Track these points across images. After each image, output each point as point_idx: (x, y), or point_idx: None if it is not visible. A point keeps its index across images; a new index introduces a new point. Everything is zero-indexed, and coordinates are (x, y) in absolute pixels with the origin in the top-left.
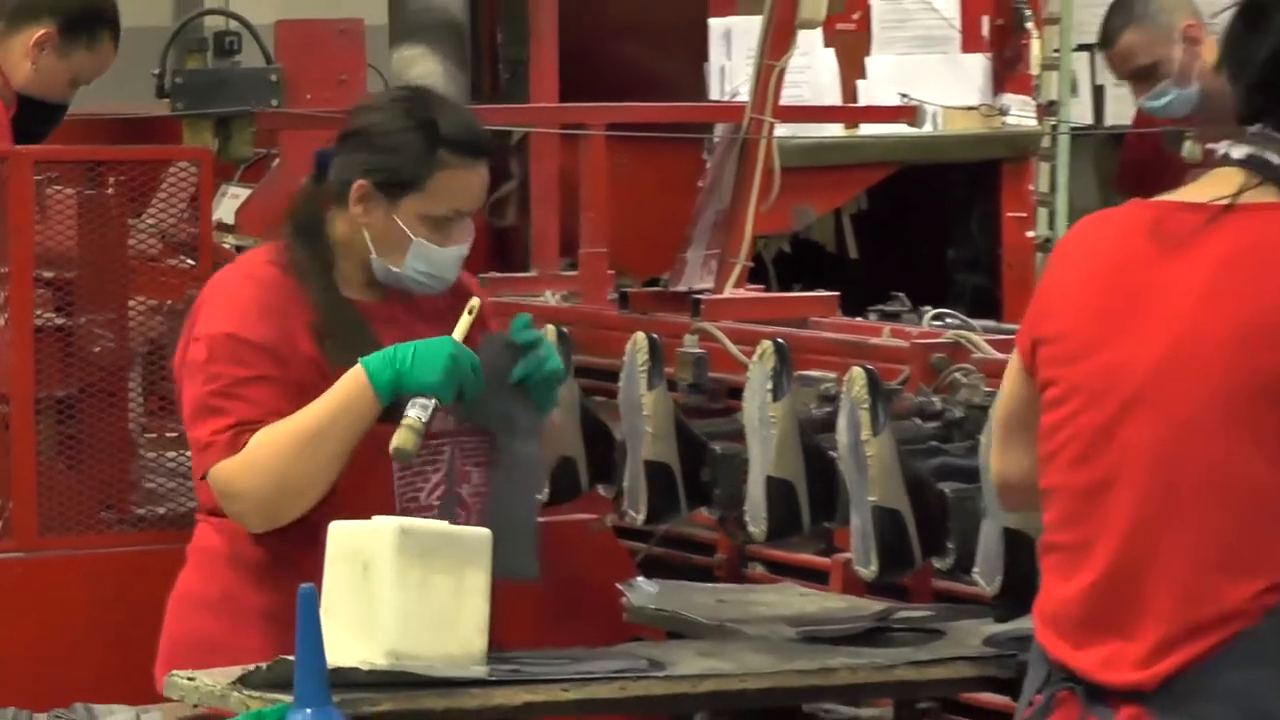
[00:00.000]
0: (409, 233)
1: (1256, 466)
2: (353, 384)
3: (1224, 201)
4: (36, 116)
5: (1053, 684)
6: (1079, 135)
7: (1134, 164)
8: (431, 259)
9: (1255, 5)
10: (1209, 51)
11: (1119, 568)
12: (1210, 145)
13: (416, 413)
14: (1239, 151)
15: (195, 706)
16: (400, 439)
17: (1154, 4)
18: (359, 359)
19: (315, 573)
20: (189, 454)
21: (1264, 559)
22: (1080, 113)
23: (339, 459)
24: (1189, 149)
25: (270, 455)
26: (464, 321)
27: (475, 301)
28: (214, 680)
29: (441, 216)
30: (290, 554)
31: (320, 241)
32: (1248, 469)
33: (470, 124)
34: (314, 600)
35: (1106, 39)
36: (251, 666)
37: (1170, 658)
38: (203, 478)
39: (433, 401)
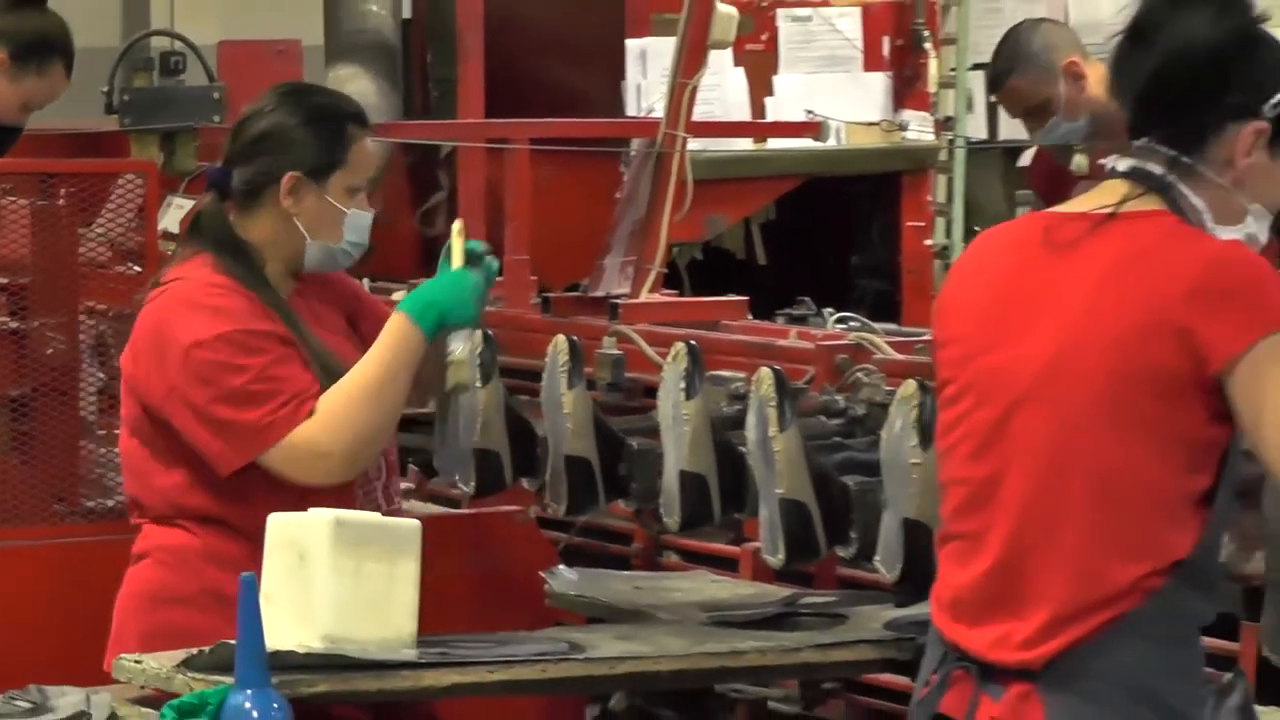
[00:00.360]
0: (341, 207)
1: (1138, 459)
2: (400, 330)
3: (1107, 210)
4: None
5: (947, 664)
6: (975, 149)
7: (1040, 180)
8: (360, 226)
9: (1138, 27)
10: (1095, 82)
11: (1010, 555)
12: (1101, 160)
13: (462, 346)
14: (1124, 164)
15: (142, 688)
16: (456, 375)
17: (1036, 46)
18: (399, 305)
19: None
20: None
21: (1147, 545)
22: (976, 127)
23: (402, 401)
24: (1077, 162)
25: (347, 409)
26: (458, 246)
27: (460, 223)
28: (160, 663)
29: (360, 186)
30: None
31: (247, 251)
32: (1130, 461)
33: (352, 100)
34: (254, 587)
35: (994, 84)
36: (195, 650)
37: (1057, 639)
38: (255, 457)
39: (474, 332)
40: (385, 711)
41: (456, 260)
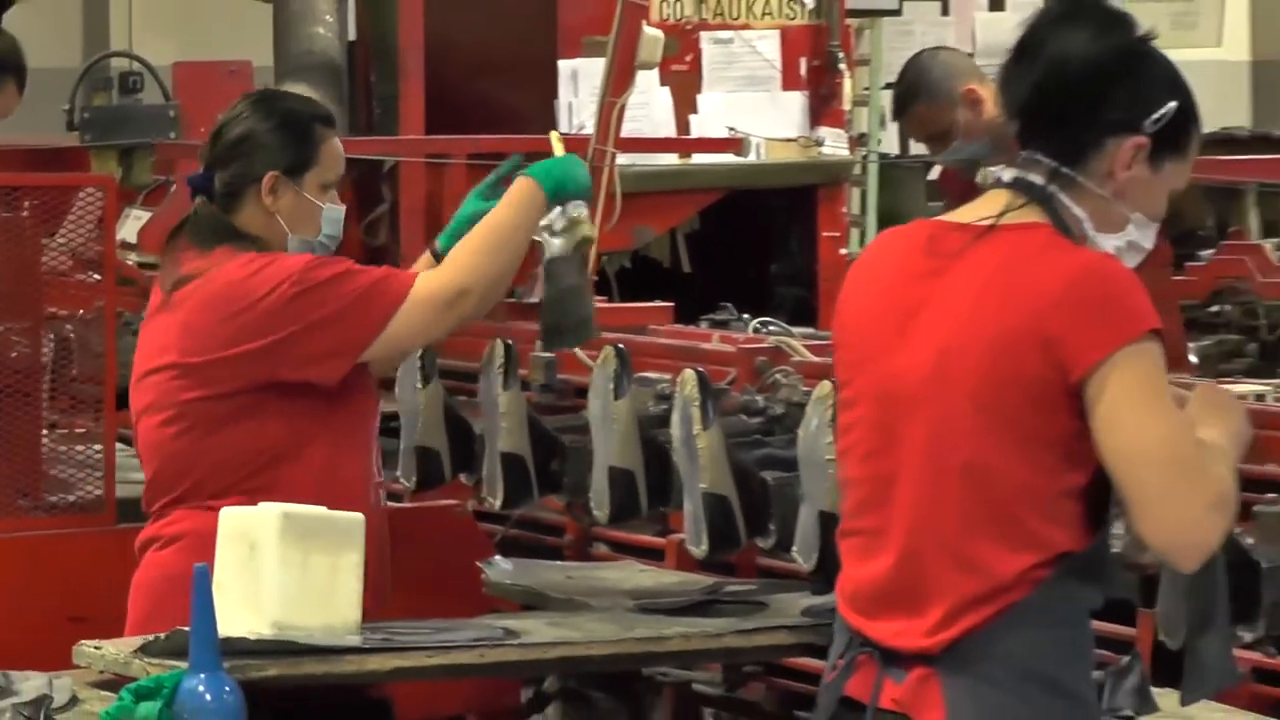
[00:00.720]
0: (317, 203)
1: (1012, 460)
2: (526, 190)
3: (988, 221)
4: None
5: (853, 649)
6: (886, 164)
7: (952, 192)
8: (335, 219)
9: (1023, 43)
10: (992, 104)
11: (906, 553)
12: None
13: (580, 210)
14: (1008, 175)
15: (101, 673)
16: (582, 231)
17: (936, 75)
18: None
19: None
20: (96, 447)
21: (1030, 540)
22: (889, 143)
23: (522, 254)
24: (982, 175)
25: (479, 254)
26: (559, 144)
27: (555, 132)
28: (118, 649)
29: (331, 182)
30: None
31: (259, 242)
32: (1006, 463)
33: (318, 103)
34: (207, 577)
35: (899, 111)
36: (151, 637)
37: (953, 628)
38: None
39: (583, 204)
40: (338, 693)
41: (559, 151)
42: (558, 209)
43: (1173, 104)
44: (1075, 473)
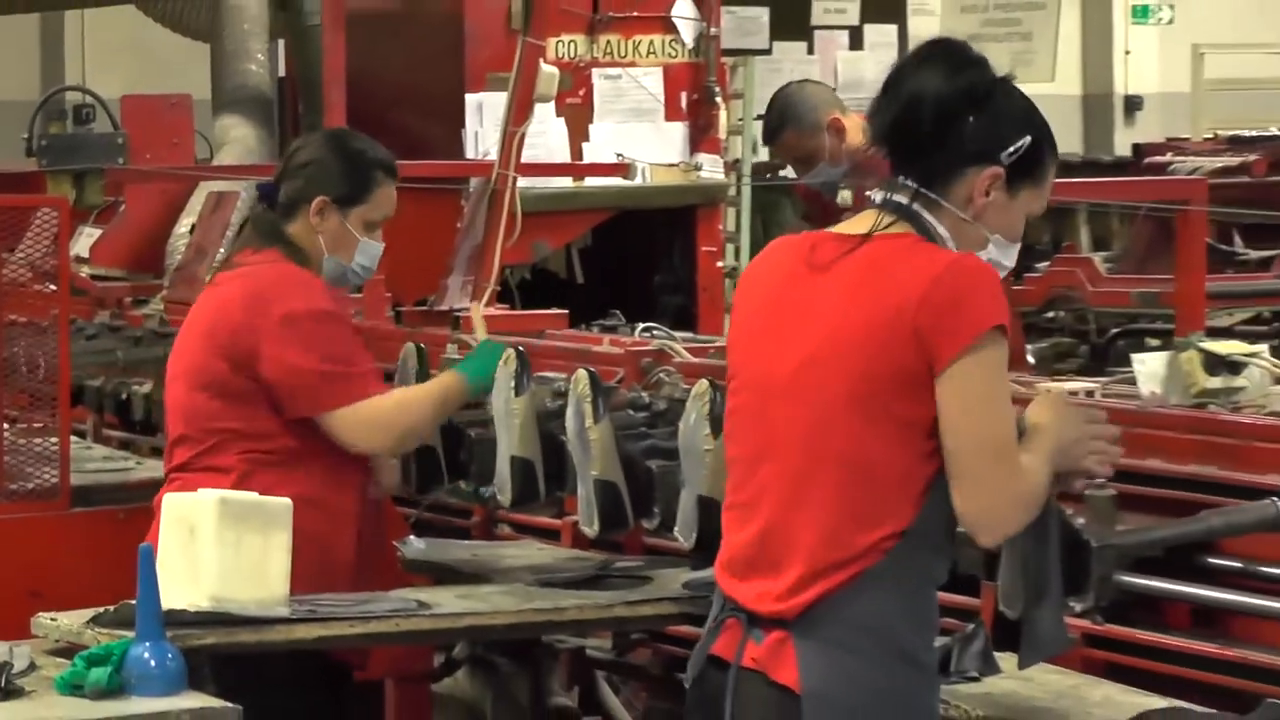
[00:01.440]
0: (356, 234)
1: (881, 445)
2: (456, 388)
3: (863, 233)
4: None
5: (723, 613)
6: (758, 186)
7: (816, 212)
8: (371, 253)
9: (888, 81)
10: (853, 131)
11: (773, 522)
12: (867, 191)
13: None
14: (879, 196)
15: (57, 642)
16: None
17: (804, 106)
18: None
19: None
20: (52, 440)
21: (884, 513)
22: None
23: (433, 428)
24: (842, 197)
25: (411, 406)
26: (480, 321)
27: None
28: (72, 620)
29: (377, 222)
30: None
31: (306, 255)
32: (875, 448)
33: (386, 153)
34: (151, 557)
35: (769, 138)
36: (102, 609)
37: (808, 592)
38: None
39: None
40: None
41: (480, 330)
42: None
43: (1028, 138)
44: (931, 454)
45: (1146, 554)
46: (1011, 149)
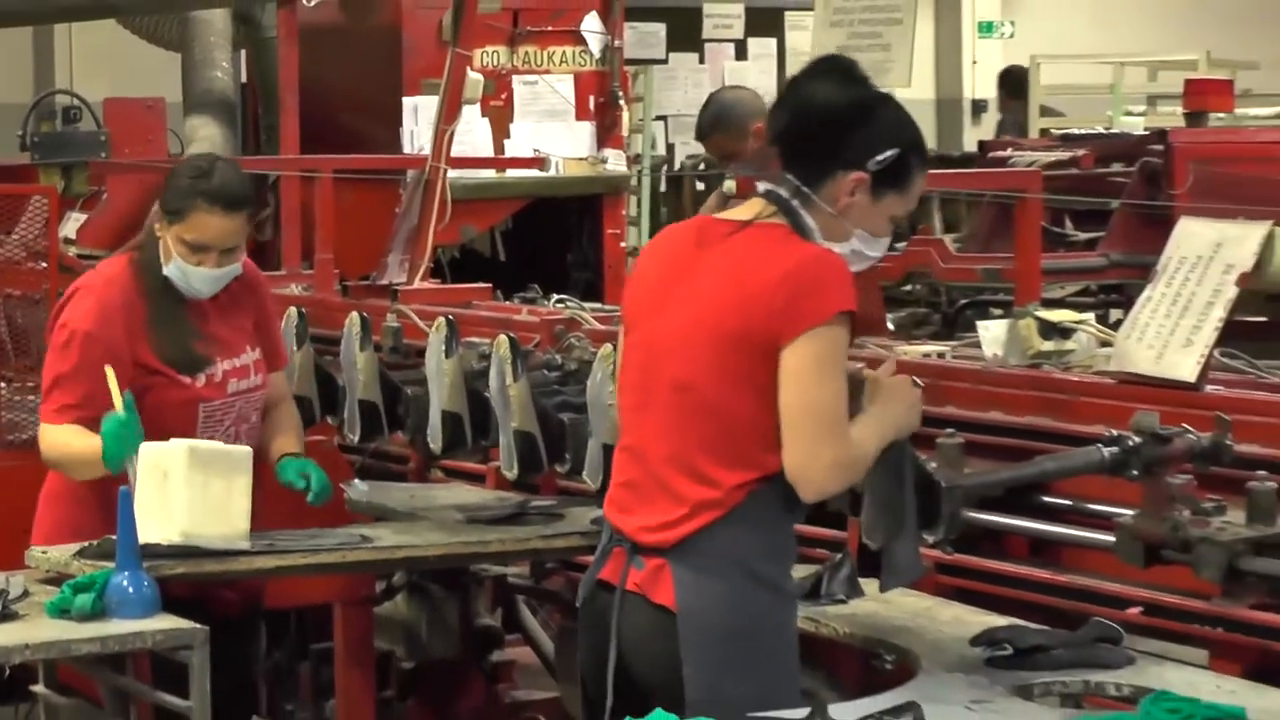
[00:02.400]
0: (174, 250)
1: (742, 401)
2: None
3: (743, 219)
4: None
5: (610, 542)
6: (656, 176)
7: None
8: (184, 272)
9: (785, 92)
10: None
11: (653, 465)
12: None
13: None
14: (763, 187)
15: (47, 572)
16: None
17: (733, 114)
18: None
19: None
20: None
21: (747, 461)
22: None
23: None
24: (727, 185)
25: (61, 453)
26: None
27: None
28: (60, 553)
29: (194, 243)
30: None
31: (155, 252)
32: (737, 403)
33: (229, 184)
34: (129, 498)
35: (700, 136)
36: (88, 543)
37: (683, 526)
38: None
39: None
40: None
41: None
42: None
43: (895, 151)
44: None
45: (989, 493)
46: (879, 158)
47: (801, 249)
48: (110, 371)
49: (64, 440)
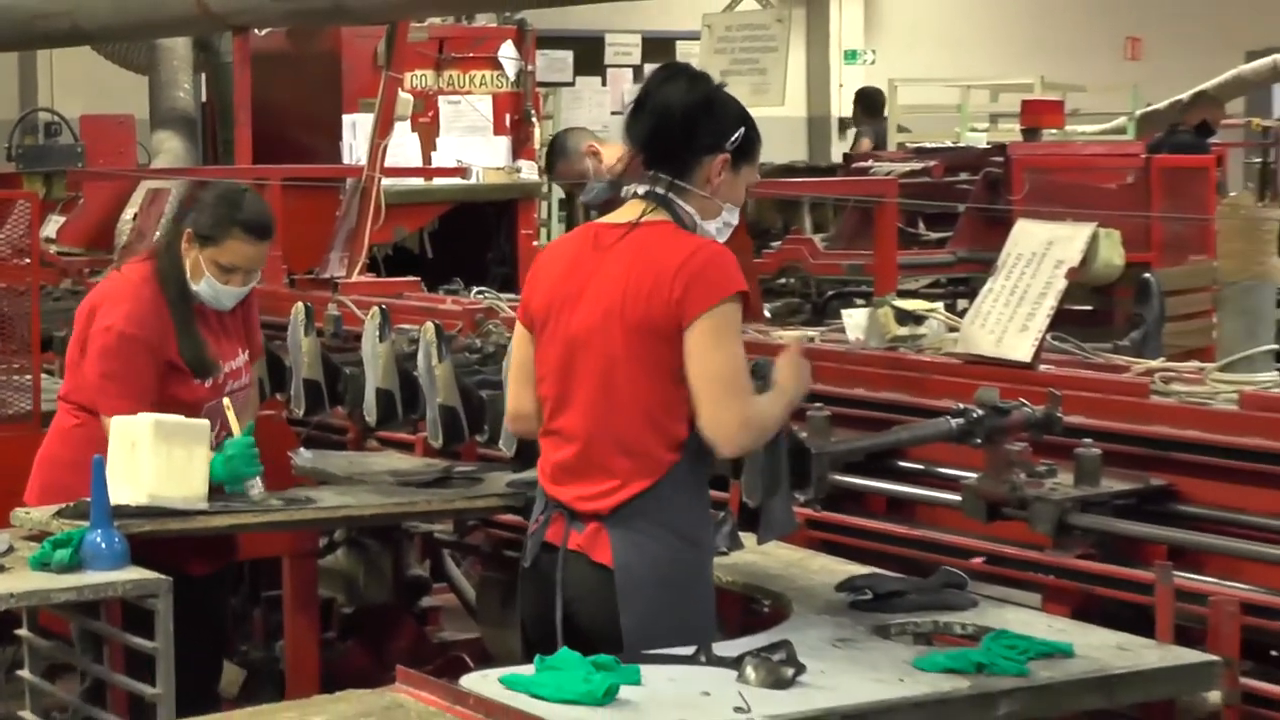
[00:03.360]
0: (206, 270)
1: (656, 384)
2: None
3: (632, 220)
4: None
5: (550, 509)
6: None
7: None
8: (215, 290)
9: (638, 99)
10: (611, 155)
11: (583, 444)
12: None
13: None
14: (641, 189)
15: (30, 530)
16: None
17: (567, 145)
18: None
19: None
20: (28, 377)
21: (667, 433)
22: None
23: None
24: (625, 193)
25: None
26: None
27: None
28: (42, 514)
29: (227, 266)
30: None
31: (180, 268)
32: (652, 386)
33: (261, 216)
34: (103, 464)
35: (548, 171)
36: (64, 505)
37: (616, 496)
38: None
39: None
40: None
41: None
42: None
43: (742, 129)
44: None
45: (853, 459)
46: (733, 138)
47: (689, 242)
48: (228, 401)
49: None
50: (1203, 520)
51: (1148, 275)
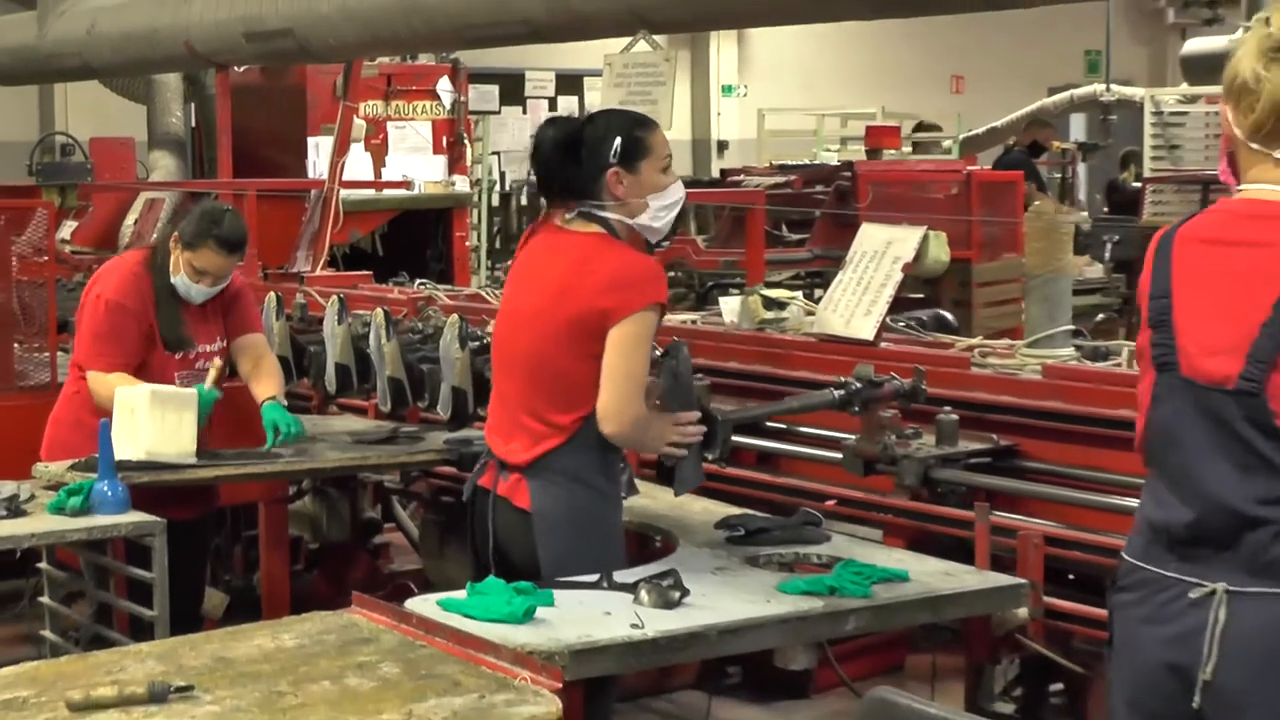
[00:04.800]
0: (182, 269)
1: (571, 364)
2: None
3: (575, 229)
4: None
5: (486, 459)
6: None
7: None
8: (187, 286)
9: (534, 152)
10: None
11: (513, 409)
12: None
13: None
14: (577, 209)
15: (48, 481)
16: None
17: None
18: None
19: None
20: (45, 354)
21: (579, 403)
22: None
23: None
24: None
25: (109, 392)
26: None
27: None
28: (58, 467)
29: (199, 269)
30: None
31: (167, 256)
32: (567, 365)
33: (235, 233)
34: (109, 427)
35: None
36: (76, 460)
37: (533, 451)
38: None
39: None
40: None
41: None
42: None
43: (618, 139)
44: None
45: (751, 423)
46: (612, 151)
47: (621, 254)
48: (217, 362)
49: (110, 383)
50: (1028, 472)
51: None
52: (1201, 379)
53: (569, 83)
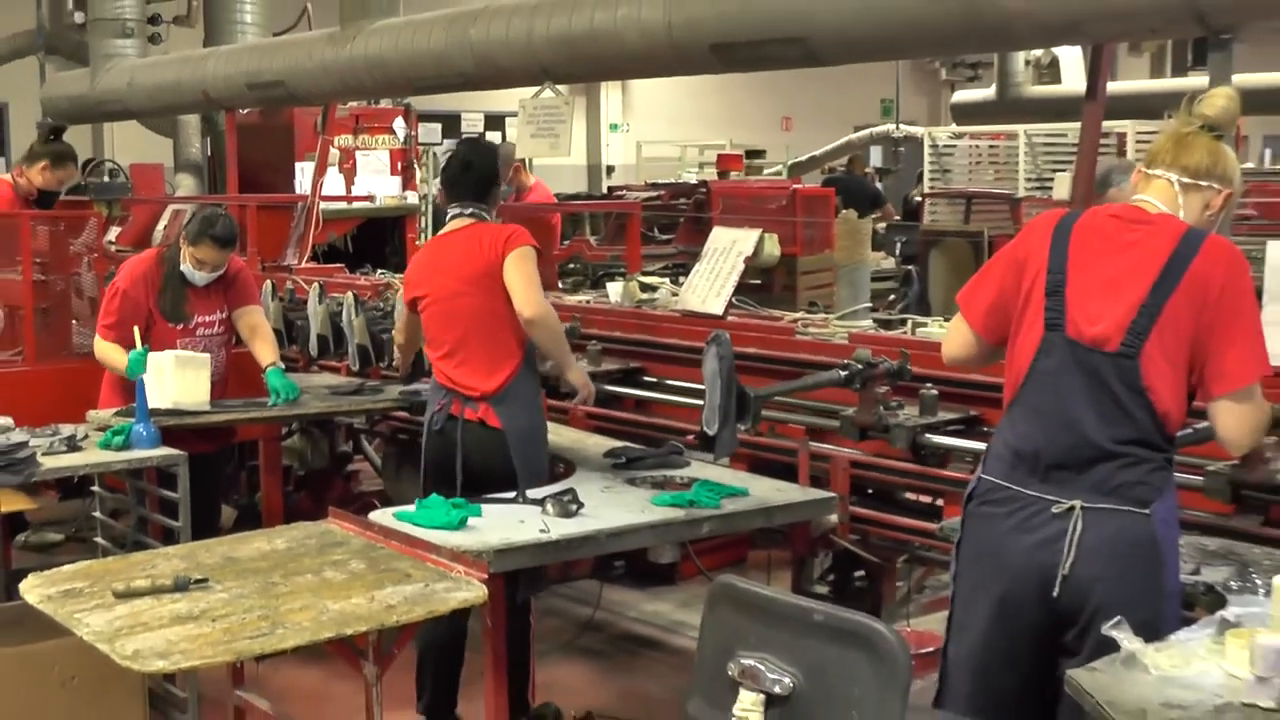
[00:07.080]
0: (186, 258)
1: (496, 309)
2: (121, 363)
3: (467, 224)
4: (45, 199)
5: (448, 395)
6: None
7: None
8: (191, 273)
9: (445, 171)
10: (524, 177)
11: (464, 358)
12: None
13: None
14: (468, 210)
15: (98, 424)
16: None
17: (502, 155)
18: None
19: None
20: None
21: (515, 342)
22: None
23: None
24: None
25: (103, 356)
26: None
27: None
28: (105, 414)
29: (198, 259)
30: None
31: (178, 249)
32: (496, 310)
33: (226, 231)
34: (144, 385)
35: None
36: (120, 408)
37: (494, 381)
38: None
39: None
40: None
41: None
42: None
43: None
44: None
45: (777, 398)
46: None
47: (503, 228)
48: (136, 330)
49: (106, 349)
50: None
51: (910, 268)
52: (1086, 341)
53: (494, 120)
